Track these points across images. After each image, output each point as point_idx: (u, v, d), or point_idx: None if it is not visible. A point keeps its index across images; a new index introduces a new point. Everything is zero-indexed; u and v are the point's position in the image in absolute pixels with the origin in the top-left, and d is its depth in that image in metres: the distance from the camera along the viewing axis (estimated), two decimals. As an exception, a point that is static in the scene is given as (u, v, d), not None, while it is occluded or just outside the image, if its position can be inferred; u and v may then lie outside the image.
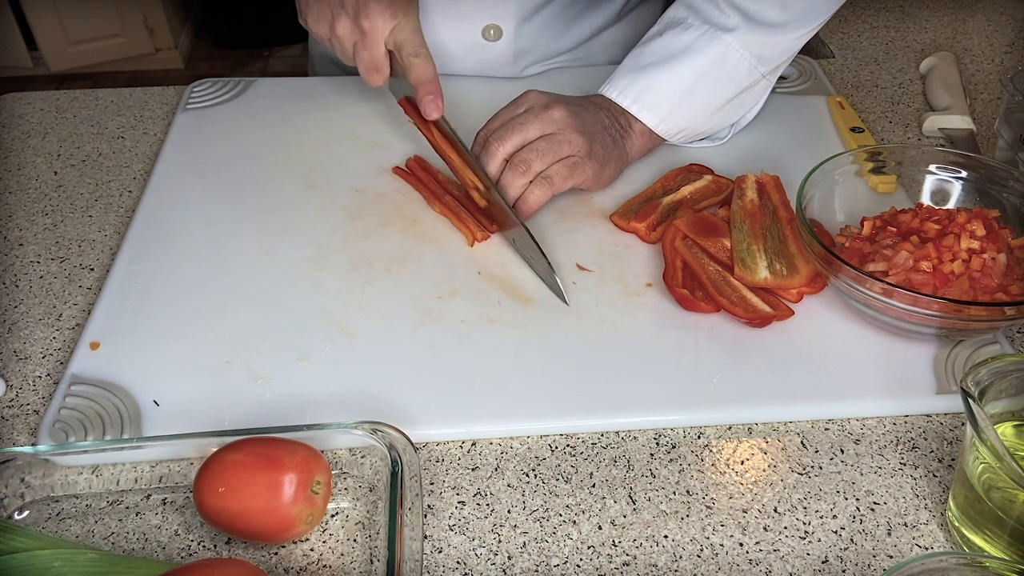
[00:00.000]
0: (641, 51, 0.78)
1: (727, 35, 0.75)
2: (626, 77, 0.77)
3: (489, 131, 0.73)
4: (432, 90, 0.72)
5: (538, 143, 0.71)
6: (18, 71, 2.88)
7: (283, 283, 0.68)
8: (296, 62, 3.07)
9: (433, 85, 0.73)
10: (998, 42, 1.06)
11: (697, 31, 0.76)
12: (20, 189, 0.81)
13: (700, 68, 0.75)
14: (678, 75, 0.76)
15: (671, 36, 0.77)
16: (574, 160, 0.72)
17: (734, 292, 0.65)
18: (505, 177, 0.71)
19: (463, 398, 0.59)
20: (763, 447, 0.57)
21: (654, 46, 0.77)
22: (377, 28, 0.73)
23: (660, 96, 0.76)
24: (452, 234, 0.73)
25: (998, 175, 0.67)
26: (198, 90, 0.91)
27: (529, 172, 0.70)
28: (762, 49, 0.76)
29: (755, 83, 0.79)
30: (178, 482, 0.54)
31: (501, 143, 0.71)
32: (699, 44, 0.75)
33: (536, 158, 0.71)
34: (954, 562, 0.42)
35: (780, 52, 0.78)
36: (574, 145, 0.72)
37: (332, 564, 0.51)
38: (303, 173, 0.80)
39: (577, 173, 0.72)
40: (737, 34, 0.75)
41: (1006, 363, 0.49)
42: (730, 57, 0.76)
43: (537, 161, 0.71)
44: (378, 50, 0.74)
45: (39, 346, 0.65)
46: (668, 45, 0.76)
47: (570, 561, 0.51)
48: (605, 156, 0.74)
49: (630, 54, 0.79)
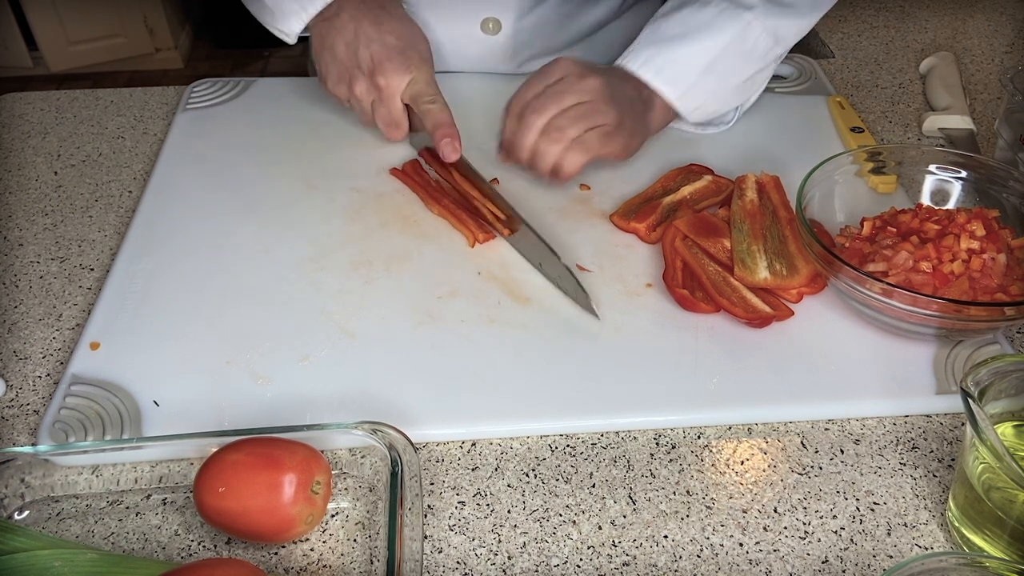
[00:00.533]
0: (659, 25, 0.78)
1: (747, 13, 0.75)
2: (648, 49, 0.77)
3: (522, 101, 0.73)
4: (449, 132, 0.73)
5: (573, 110, 0.71)
6: (18, 71, 2.88)
7: (283, 283, 0.68)
8: (296, 62, 3.06)
9: (450, 128, 0.73)
10: (998, 42, 1.06)
11: (717, 7, 0.76)
12: (20, 189, 0.81)
13: (721, 44, 0.75)
14: (700, 49, 0.75)
15: (691, 11, 0.76)
16: (607, 129, 0.72)
17: (734, 292, 0.65)
18: (540, 145, 0.71)
19: (463, 398, 0.59)
20: (763, 447, 0.57)
21: (673, 20, 0.77)
22: (393, 84, 0.75)
23: (681, 70, 0.76)
24: (452, 234, 0.73)
25: (998, 175, 0.67)
26: (198, 90, 0.91)
27: (563, 139, 0.70)
28: (778, 29, 0.77)
29: (768, 64, 0.79)
30: (178, 482, 0.54)
31: (539, 115, 0.71)
32: (720, 20, 0.75)
33: (571, 124, 0.70)
34: (954, 562, 0.42)
35: (794, 34, 0.79)
36: (607, 115, 0.71)
37: (332, 564, 0.51)
38: (303, 173, 0.80)
39: (609, 143, 0.72)
40: (757, 12, 0.75)
41: (1006, 363, 0.49)
42: (749, 35, 0.76)
43: (572, 128, 0.70)
44: (395, 106, 0.76)
45: (39, 346, 0.65)
46: (688, 20, 0.76)
47: (570, 561, 0.51)
48: (633, 128, 0.74)
49: (647, 28, 0.78)
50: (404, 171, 0.79)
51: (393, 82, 0.75)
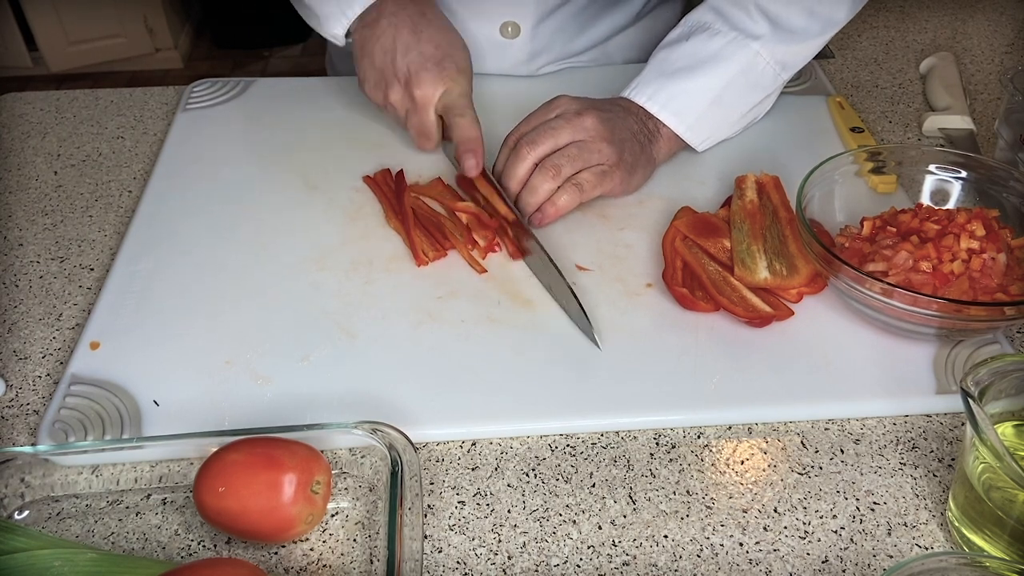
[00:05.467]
0: (667, 56, 0.78)
1: (755, 43, 0.75)
2: (654, 83, 0.77)
3: (519, 134, 0.73)
4: (472, 148, 0.73)
5: (569, 149, 0.71)
6: (18, 71, 2.88)
7: (283, 283, 0.68)
8: (296, 62, 3.06)
9: (474, 143, 0.73)
10: (998, 42, 1.06)
11: (725, 37, 0.76)
12: (20, 189, 0.81)
13: (728, 76, 0.75)
14: (707, 83, 0.76)
15: (698, 41, 0.76)
16: (603, 168, 0.72)
17: (734, 292, 0.65)
18: (534, 179, 0.70)
19: (463, 398, 0.59)
20: (763, 447, 0.57)
21: (681, 51, 0.77)
22: (427, 96, 0.75)
23: (688, 103, 0.76)
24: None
25: (998, 175, 0.67)
26: (198, 90, 0.91)
27: (559, 176, 0.70)
28: (786, 56, 0.77)
29: (775, 89, 0.80)
30: (178, 482, 0.54)
31: (532, 147, 0.71)
32: (727, 51, 0.75)
33: (567, 163, 0.70)
34: (954, 562, 0.42)
35: (801, 59, 0.79)
36: (604, 154, 0.72)
37: (332, 564, 0.51)
38: (303, 173, 0.80)
39: (606, 181, 0.72)
40: (764, 42, 0.75)
41: (1006, 363, 0.49)
42: (757, 65, 0.76)
43: (567, 166, 0.70)
44: (428, 117, 0.77)
45: (39, 346, 0.65)
46: (695, 51, 0.76)
47: (570, 561, 0.51)
48: (633, 163, 0.74)
49: (654, 58, 0.79)
50: (374, 180, 0.78)
51: (428, 93, 0.75)
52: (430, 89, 0.75)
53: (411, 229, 0.71)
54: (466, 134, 0.74)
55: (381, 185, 0.77)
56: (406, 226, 0.71)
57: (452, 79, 0.75)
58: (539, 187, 0.70)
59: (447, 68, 0.75)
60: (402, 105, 0.77)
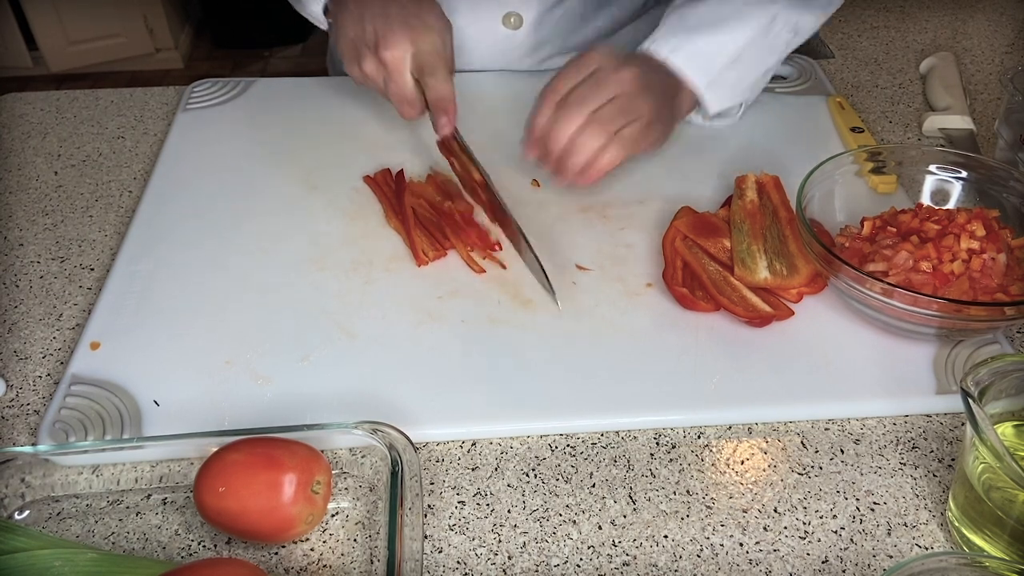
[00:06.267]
0: (685, 13, 0.76)
1: (774, 5, 0.75)
2: (676, 36, 0.75)
3: (558, 92, 0.69)
4: (443, 107, 0.71)
5: (612, 103, 0.68)
6: (18, 71, 2.88)
7: (283, 283, 0.68)
8: (296, 62, 3.06)
9: (445, 102, 0.71)
10: (998, 42, 1.06)
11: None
12: (20, 189, 0.81)
13: (749, 35, 0.75)
14: (728, 39, 0.75)
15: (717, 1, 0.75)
16: (645, 122, 0.70)
17: (734, 292, 0.65)
18: (581, 137, 0.67)
19: (463, 398, 0.59)
20: (763, 447, 0.57)
21: (700, 8, 0.76)
22: (396, 57, 0.71)
23: (710, 60, 0.75)
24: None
25: (998, 175, 0.67)
26: (198, 90, 0.91)
27: (605, 132, 0.67)
28: (800, 21, 0.77)
29: (783, 57, 0.79)
30: (178, 482, 0.54)
31: (580, 106, 0.68)
32: (748, 11, 0.75)
33: (612, 118, 0.68)
34: (954, 562, 0.42)
35: (812, 26, 0.79)
36: (644, 108, 0.69)
37: (332, 564, 0.51)
38: (303, 173, 0.80)
39: (648, 136, 0.70)
40: (782, 4, 0.75)
41: (1006, 363, 0.49)
42: (775, 27, 0.76)
43: (613, 121, 0.68)
44: (403, 80, 0.72)
45: (39, 346, 0.65)
46: (716, 8, 0.75)
47: (570, 561, 0.51)
48: (668, 118, 0.73)
49: (671, 15, 0.77)
50: (374, 179, 0.78)
51: (396, 55, 0.71)
52: (398, 50, 0.71)
53: (411, 229, 0.71)
54: (437, 93, 0.71)
55: (381, 185, 0.77)
56: (406, 226, 0.72)
57: (421, 36, 0.71)
58: (586, 144, 0.67)
59: (414, 26, 0.71)
60: (377, 73, 0.73)
